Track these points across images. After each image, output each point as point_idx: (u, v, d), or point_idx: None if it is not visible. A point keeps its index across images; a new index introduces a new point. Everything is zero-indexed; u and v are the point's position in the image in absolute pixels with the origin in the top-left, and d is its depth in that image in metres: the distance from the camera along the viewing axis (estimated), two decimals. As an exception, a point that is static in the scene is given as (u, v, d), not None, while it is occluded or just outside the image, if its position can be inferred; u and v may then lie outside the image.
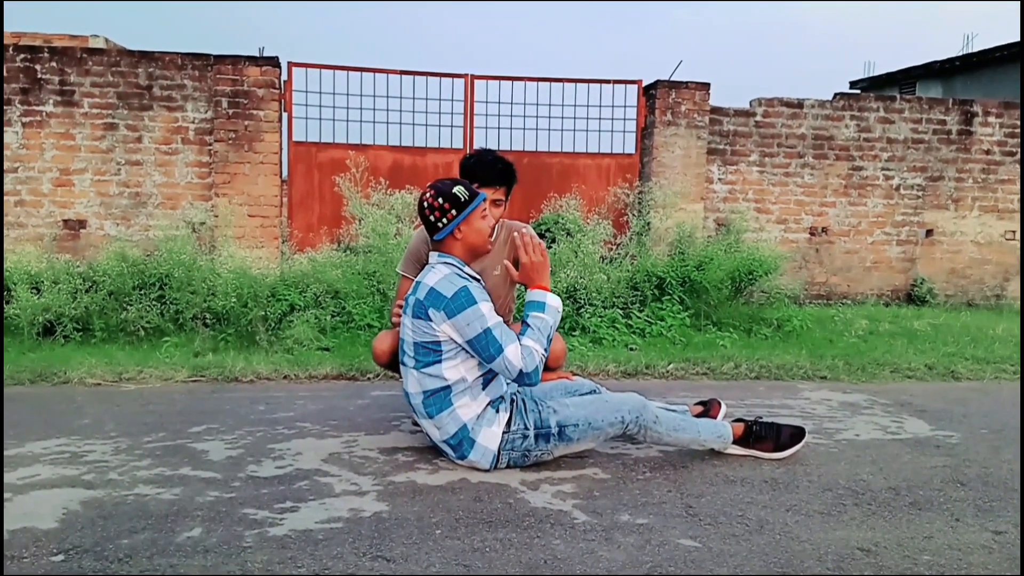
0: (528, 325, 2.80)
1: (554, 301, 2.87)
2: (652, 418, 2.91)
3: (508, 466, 2.84)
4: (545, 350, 2.78)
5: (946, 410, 4.01)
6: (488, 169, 3.24)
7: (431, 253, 2.93)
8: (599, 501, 2.59)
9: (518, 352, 2.70)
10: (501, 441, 2.79)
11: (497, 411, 2.81)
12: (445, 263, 2.84)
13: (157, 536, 2.22)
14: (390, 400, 3.93)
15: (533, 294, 2.87)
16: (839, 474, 2.93)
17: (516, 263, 3.48)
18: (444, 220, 2.80)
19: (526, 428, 2.81)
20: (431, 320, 2.73)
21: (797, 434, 3.10)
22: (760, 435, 3.07)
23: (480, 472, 2.81)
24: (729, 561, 2.15)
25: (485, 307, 2.72)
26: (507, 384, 2.92)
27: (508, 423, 2.81)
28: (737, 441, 3.05)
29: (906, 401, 4.21)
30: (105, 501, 2.48)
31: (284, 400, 3.94)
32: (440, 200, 2.80)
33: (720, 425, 3.08)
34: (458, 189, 2.82)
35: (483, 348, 2.70)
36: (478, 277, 2.90)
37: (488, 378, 2.83)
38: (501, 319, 2.77)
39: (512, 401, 2.86)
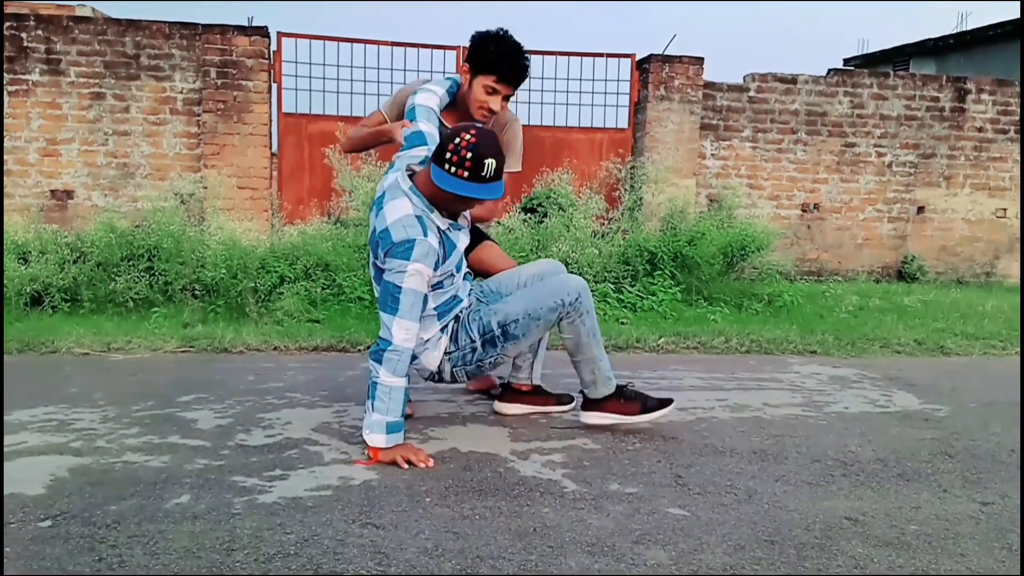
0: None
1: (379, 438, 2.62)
2: (587, 308, 2.85)
3: (467, 379, 2.92)
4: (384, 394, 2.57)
5: (935, 384, 4.03)
6: (510, 67, 2.93)
7: (404, 173, 2.68)
8: (589, 471, 2.59)
9: (405, 333, 2.56)
10: (444, 361, 2.82)
11: (443, 333, 2.80)
12: (412, 200, 2.62)
13: (145, 503, 2.21)
14: (380, 371, 3.91)
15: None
16: (828, 446, 2.94)
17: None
18: (452, 169, 2.53)
19: (472, 340, 2.80)
20: (378, 258, 2.66)
21: (664, 402, 3.03)
22: (631, 396, 3.02)
23: (469, 441, 2.81)
24: (718, 530, 2.16)
25: (415, 267, 2.52)
26: (459, 306, 2.86)
27: (456, 340, 2.81)
28: (609, 397, 2.99)
29: (895, 375, 4.22)
30: (93, 468, 2.47)
31: (274, 371, 3.92)
32: (469, 156, 2.51)
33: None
34: (489, 163, 2.53)
35: (384, 295, 2.58)
36: (441, 227, 2.66)
37: (446, 308, 2.78)
38: (423, 293, 2.59)
39: (457, 318, 2.83)
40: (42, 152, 7.05)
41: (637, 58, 8.17)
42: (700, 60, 8.06)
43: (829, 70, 8.58)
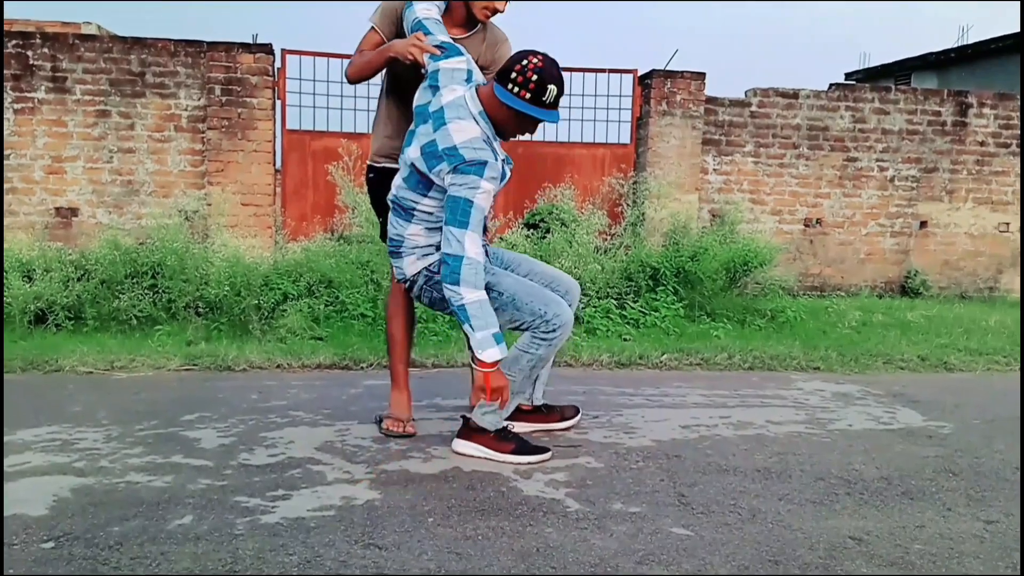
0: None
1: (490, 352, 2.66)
2: (554, 342, 2.84)
3: (428, 305, 2.96)
4: (470, 307, 2.63)
5: (938, 401, 4.02)
6: None
7: (474, 92, 2.73)
8: (592, 490, 2.59)
9: (475, 246, 2.62)
10: (419, 274, 2.85)
11: (436, 252, 2.80)
12: (480, 124, 2.70)
13: (148, 523, 2.21)
14: (383, 390, 3.90)
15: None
16: (831, 464, 2.94)
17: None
18: (515, 89, 2.63)
19: None
20: (434, 170, 2.68)
21: (540, 449, 2.93)
22: (507, 437, 2.93)
23: (472, 460, 2.81)
24: (721, 549, 2.15)
25: (487, 186, 2.64)
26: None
27: (440, 268, 2.77)
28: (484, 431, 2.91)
29: (899, 392, 4.21)
30: (96, 488, 2.47)
31: (277, 389, 3.93)
32: (535, 78, 2.62)
33: None
34: (552, 89, 2.65)
35: (453, 210, 2.63)
36: (507, 159, 2.79)
37: None
38: (487, 212, 2.70)
39: None
40: (47, 170, 7.08)
41: (639, 73, 8.20)
42: (702, 75, 8.09)
43: (831, 85, 8.60)
